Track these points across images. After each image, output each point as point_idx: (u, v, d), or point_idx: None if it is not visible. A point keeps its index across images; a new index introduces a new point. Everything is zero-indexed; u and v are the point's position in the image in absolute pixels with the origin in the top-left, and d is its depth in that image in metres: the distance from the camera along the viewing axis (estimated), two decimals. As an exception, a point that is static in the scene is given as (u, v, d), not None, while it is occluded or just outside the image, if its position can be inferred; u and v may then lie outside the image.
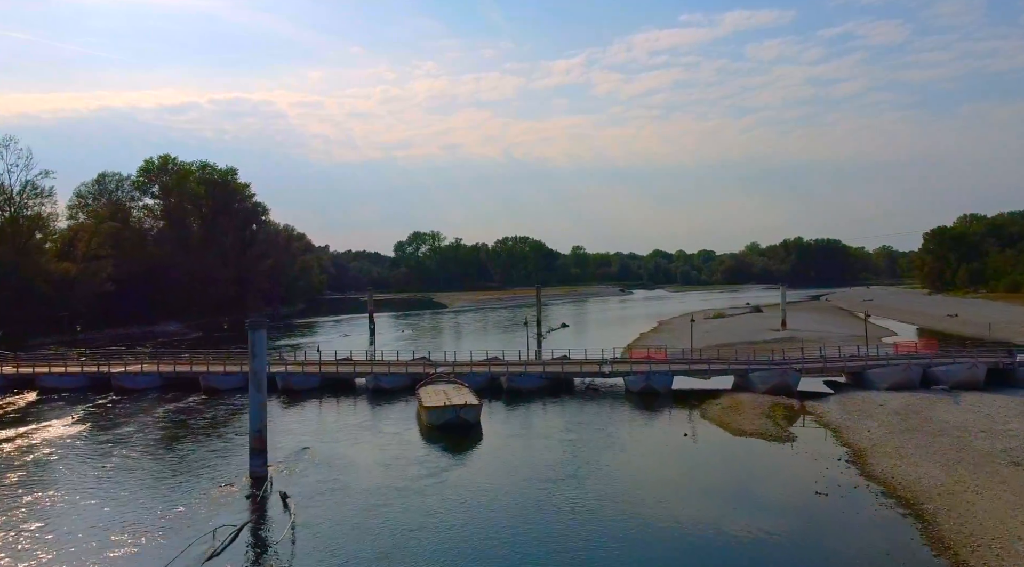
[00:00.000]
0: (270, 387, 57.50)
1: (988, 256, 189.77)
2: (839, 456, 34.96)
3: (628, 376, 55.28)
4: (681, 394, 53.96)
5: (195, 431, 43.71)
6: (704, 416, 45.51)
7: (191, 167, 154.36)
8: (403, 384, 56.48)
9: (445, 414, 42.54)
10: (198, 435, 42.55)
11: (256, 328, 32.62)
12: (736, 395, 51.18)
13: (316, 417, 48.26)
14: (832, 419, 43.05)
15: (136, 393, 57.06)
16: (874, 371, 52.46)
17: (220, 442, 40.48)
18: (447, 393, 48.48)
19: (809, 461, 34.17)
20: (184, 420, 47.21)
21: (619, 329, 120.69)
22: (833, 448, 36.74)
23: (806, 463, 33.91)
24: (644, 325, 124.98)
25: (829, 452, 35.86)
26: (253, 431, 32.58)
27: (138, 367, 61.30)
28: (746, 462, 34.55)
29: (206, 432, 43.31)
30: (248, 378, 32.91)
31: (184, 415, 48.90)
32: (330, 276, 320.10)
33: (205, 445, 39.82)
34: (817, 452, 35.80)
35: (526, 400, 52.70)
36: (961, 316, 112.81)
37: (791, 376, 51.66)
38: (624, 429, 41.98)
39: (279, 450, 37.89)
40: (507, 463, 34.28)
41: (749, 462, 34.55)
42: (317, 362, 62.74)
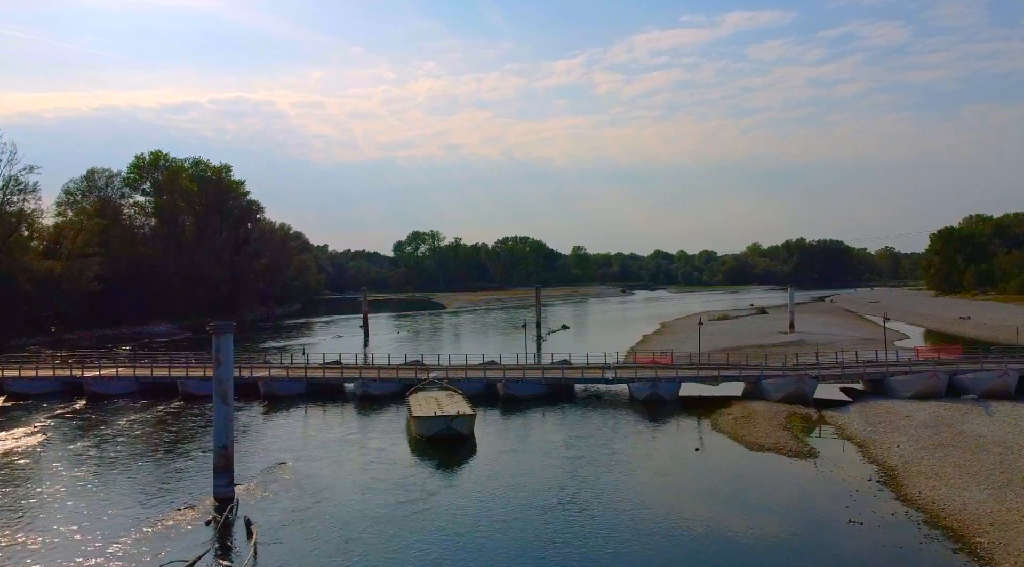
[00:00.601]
0: (252, 393, 54.62)
1: (995, 257, 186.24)
2: (868, 475, 31.57)
3: (633, 383, 51.92)
4: (689, 402, 50.64)
5: (164, 443, 40.28)
6: (716, 427, 42.13)
7: (183, 164, 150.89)
8: (393, 390, 53.13)
9: (436, 425, 39.17)
10: (166, 448, 39.14)
11: (222, 332, 29.22)
12: (749, 404, 47.79)
13: (298, 427, 44.85)
14: (855, 432, 39.65)
15: (110, 399, 53.67)
16: (896, 378, 49.04)
17: (189, 456, 37.06)
18: (439, 401, 45.13)
19: (836, 481, 30.78)
20: (155, 430, 43.79)
21: (621, 331, 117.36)
22: (860, 466, 33.34)
23: (833, 484, 30.52)
24: (646, 327, 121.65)
25: (856, 471, 32.47)
26: (218, 447, 29.20)
27: (114, 371, 57.82)
28: (767, 483, 31.10)
29: (176, 444, 39.91)
30: (214, 388, 29.47)
31: (156, 424, 45.49)
32: (328, 276, 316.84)
33: (172, 460, 36.40)
34: (843, 470, 32.41)
35: (524, 408, 49.34)
36: (974, 319, 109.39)
37: (808, 383, 48.25)
38: (629, 443, 38.55)
39: (251, 465, 34.54)
40: (501, 485, 30.75)
41: (770, 483, 31.10)
42: (303, 366, 59.36)
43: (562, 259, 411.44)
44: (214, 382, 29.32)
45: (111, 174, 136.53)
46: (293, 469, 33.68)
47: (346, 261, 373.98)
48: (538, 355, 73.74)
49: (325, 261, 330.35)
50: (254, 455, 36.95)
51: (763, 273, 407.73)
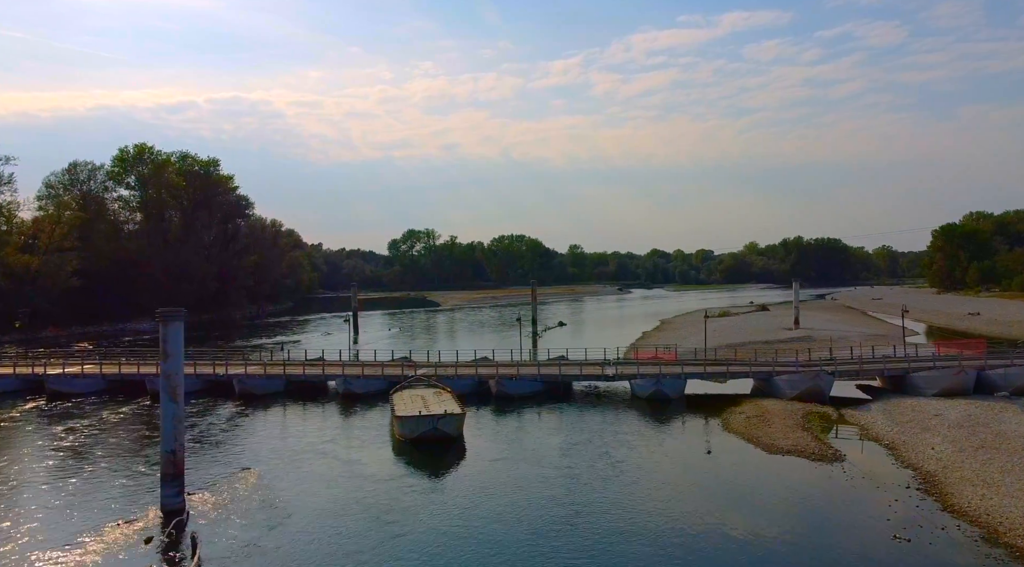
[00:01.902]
0: (226, 392, 50.95)
1: (997, 255, 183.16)
2: (905, 482, 28.00)
3: (635, 379, 48.32)
4: (695, 400, 47.12)
5: (120, 447, 36.49)
6: (727, 428, 38.54)
7: (170, 157, 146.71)
8: (378, 388, 49.45)
9: (420, 425, 35.53)
10: (121, 452, 35.33)
11: (170, 321, 25.51)
12: (761, 402, 44.22)
13: (271, 429, 41.12)
14: (882, 432, 36.10)
15: (72, 398, 49.93)
16: (919, 375, 45.49)
17: (147, 461, 33.24)
18: (425, 399, 41.50)
19: (869, 489, 27.19)
20: (113, 432, 40.01)
21: (619, 328, 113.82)
22: (894, 471, 29.77)
23: (867, 492, 26.94)
24: (645, 324, 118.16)
25: (891, 476, 28.91)
26: (165, 452, 25.48)
27: (78, 368, 54.00)
28: (792, 491, 27.48)
29: (133, 448, 36.14)
30: (161, 384, 25.73)
31: (116, 426, 41.71)
32: (322, 275, 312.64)
33: (125, 466, 32.59)
34: (876, 476, 28.83)
35: (518, 407, 45.72)
36: (984, 315, 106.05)
37: (824, 380, 44.68)
38: (633, 447, 34.90)
39: (212, 472, 30.85)
40: (489, 500, 26.84)
41: (795, 491, 27.48)
42: (282, 363, 55.63)
43: (558, 258, 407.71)
44: (160, 378, 25.61)
45: (94, 167, 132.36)
46: (259, 477, 29.92)
47: (340, 259, 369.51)
48: (534, 352, 70.07)
49: (319, 259, 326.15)
50: (217, 460, 33.26)
51: (761, 272, 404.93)
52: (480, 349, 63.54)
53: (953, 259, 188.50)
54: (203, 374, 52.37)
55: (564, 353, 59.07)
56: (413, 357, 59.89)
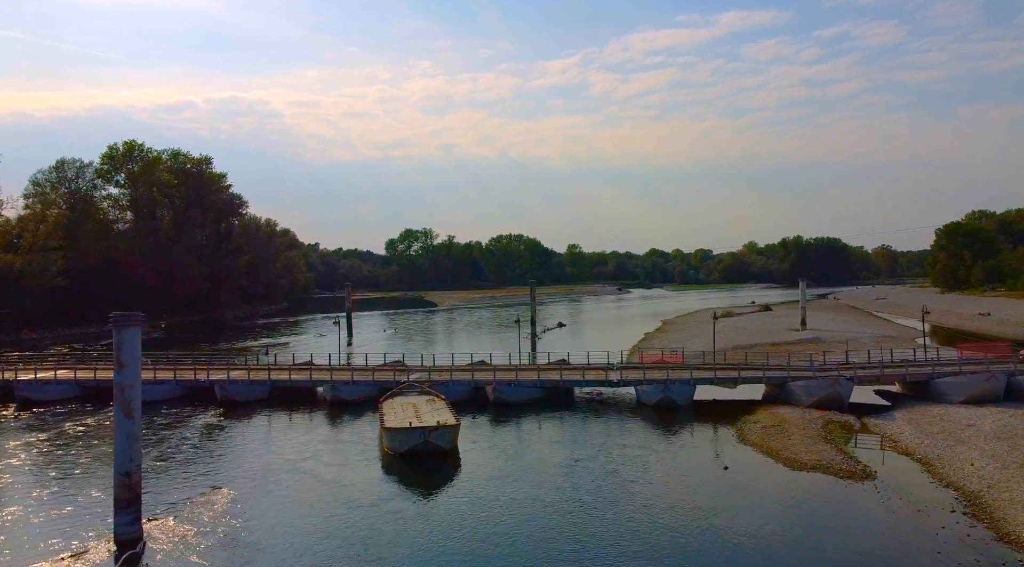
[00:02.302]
0: (208, 397, 47.98)
1: (1001, 253, 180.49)
2: (948, 504, 25.15)
3: (641, 385, 45.46)
4: (705, 407, 44.32)
5: (81, 464, 33.38)
6: (743, 439, 35.68)
7: (160, 155, 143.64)
8: (368, 395, 46.57)
9: (411, 439, 32.65)
10: (82, 470, 32.31)
11: (124, 326, 22.58)
12: (776, 410, 41.39)
13: (251, 440, 38.19)
14: (911, 445, 33.26)
15: (43, 405, 46.97)
16: (945, 380, 42.65)
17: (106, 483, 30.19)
18: (417, 409, 38.62)
19: (911, 514, 24.35)
20: (77, 446, 37.04)
21: (620, 329, 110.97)
22: (933, 491, 26.92)
23: (908, 517, 24.10)
24: (647, 325, 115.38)
25: (931, 497, 26.06)
26: (119, 474, 22.59)
27: (51, 374, 51.02)
28: (824, 515, 24.63)
29: (94, 465, 33.00)
30: (115, 398, 22.81)
31: (86, 438, 38.75)
32: (318, 274, 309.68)
33: (83, 486, 29.52)
34: (914, 497, 25.99)
35: (517, 415, 42.87)
36: (994, 315, 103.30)
37: (843, 386, 41.88)
38: (642, 461, 32.02)
39: (178, 492, 27.96)
40: (483, 530, 23.82)
41: (828, 515, 24.63)
42: (267, 367, 52.68)
43: (557, 258, 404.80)
44: (115, 390, 22.69)
45: (82, 165, 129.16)
46: (230, 501, 26.97)
47: (337, 259, 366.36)
48: (533, 355, 67.14)
49: (315, 259, 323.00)
50: (185, 478, 30.35)
51: (760, 271, 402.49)
52: (477, 352, 60.68)
53: (957, 258, 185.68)
54: (183, 380, 49.41)
55: (565, 356, 56.23)
56: (406, 361, 57.07)
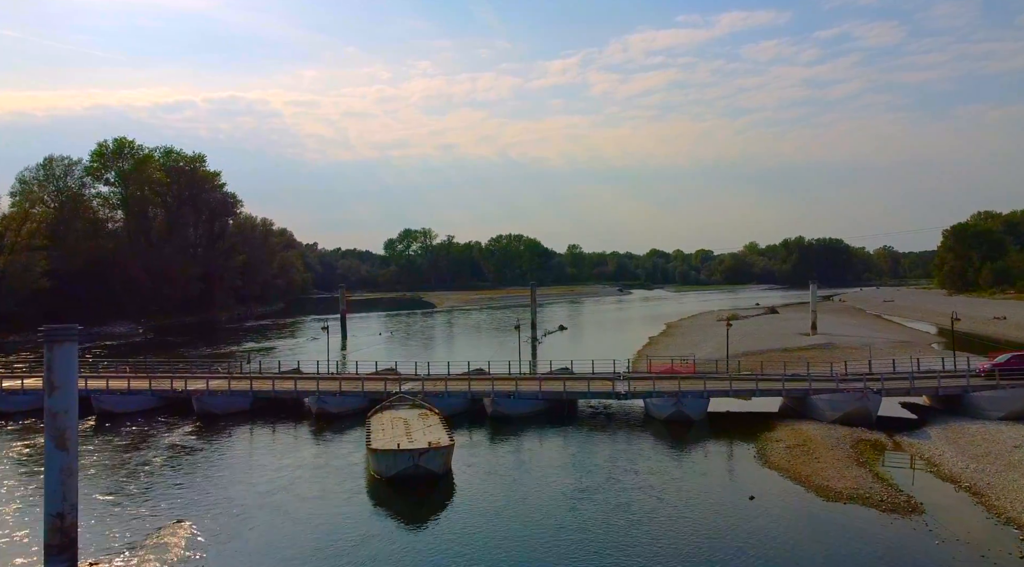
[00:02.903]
0: (186, 412, 44.61)
1: (1008, 255, 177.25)
2: (1016, 548, 21.83)
3: (651, 397, 42.13)
4: (719, 420, 41.12)
5: (15, 496, 29.56)
6: (766, 461, 32.37)
7: (152, 153, 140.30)
8: (357, 407, 43.35)
9: (399, 462, 29.35)
10: (20, 503, 28.44)
11: (57, 341, 19.24)
12: (798, 426, 38.12)
13: (227, 460, 34.89)
14: (955, 469, 29.94)
15: (6, 418, 43.60)
16: (981, 394, 39.34)
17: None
18: (408, 425, 35.36)
19: (974, 561, 21.02)
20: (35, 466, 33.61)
21: (623, 333, 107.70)
22: (993, 529, 23.62)
23: (968, 561, 20.78)
24: (650, 328, 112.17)
25: (992, 538, 22.76)
26: (50, 515, 19.34)
27: (17, 383, 47.61)
28: (870, 558, 21.31)
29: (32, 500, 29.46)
30: (46, 425, 19.48)
31: (26, 463, 34.94)
32: (316, 275, 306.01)
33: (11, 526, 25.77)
34: (973, 538, 22.70)
35: (516, 430, 39.65)
36: (1010, 319, 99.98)
37: (872, 400, 38.56)
38: (656, 490, 28.66)
39: (132, 526, 24.60)
40: None
41: (875, 558, 21.30)
42: (250, 376, 49.36)
43: (557, 258, 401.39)
44: (46, 417, 19.36)
45: (71, 162, 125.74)
46: (189, 539, 23.55)
47: (335, 259, 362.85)
48: (533, 362, 63.78)
49: (313, 259, 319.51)
50: (143, 508, 26.99)
51: (762, 272, 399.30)
52: (475, 358, 57.37)
53: (965, 260, 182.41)
54: (159, 390, 46.05)
55: (568, 364, 52.98)
56: (400, 368, 53.78)
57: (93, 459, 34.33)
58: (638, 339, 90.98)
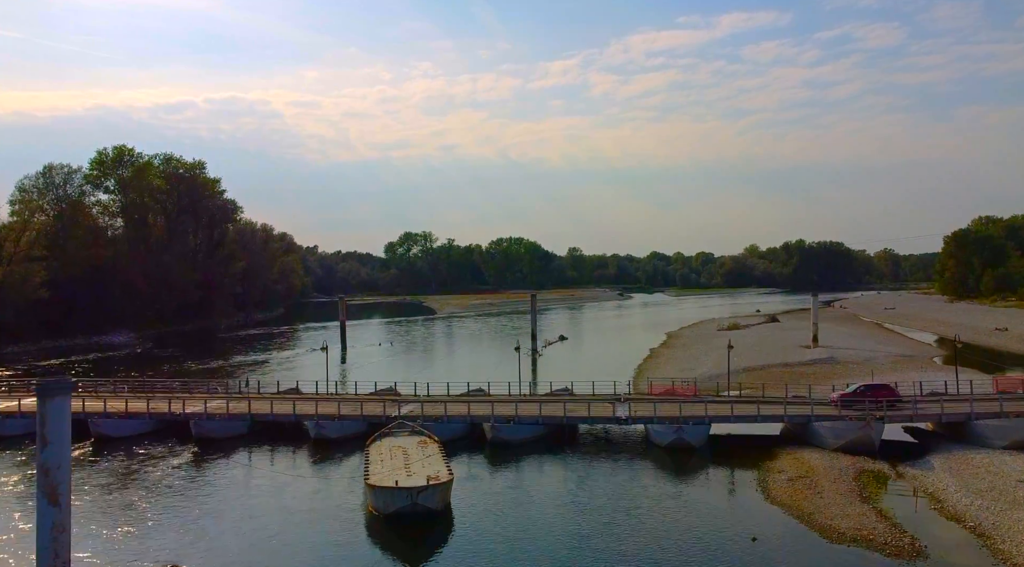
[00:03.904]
0: (184, 435, 44.24)
1: (1009, 260, 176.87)
2: (1020, 598, 21.52)
3: (652, 424, 41.82)
4: (721, 446, 40.96)
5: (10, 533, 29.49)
6: (768, 495, 32.06)
7: (152, 160, 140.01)
8: (356, 432, 43.08)
9: (397, 499, 29.04)
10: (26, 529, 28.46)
11: (50, 394, 18.92)
12: (800, 454, 37.84)
13: (223, 490, 34.59)
14: (959, 507, 29.58)
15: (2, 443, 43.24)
16: (987, 423, 39.00)
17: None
18: (407, 456, 35.08)
19: (979, 613, 20.71)
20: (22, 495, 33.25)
21: (623, 341, 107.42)
22: (999, 576, 23.30)
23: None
24: (651, 336, 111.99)
25: (998, 587, 22.43)
26: (41, 574, 18.92)
27: (13, 404, 47.19)
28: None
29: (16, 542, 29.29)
30: (37, 482, 19.15)
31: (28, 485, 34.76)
32: (316, 278, 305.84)
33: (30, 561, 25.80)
34: (978, 587, 22.37)
35: (517, 457, 39.46)
36: (1012, 331, 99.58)
37: (875, 429, 38.23)
38: (657, 533, 28.27)
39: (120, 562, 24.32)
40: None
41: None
42: (247, 396, 49.05)
43: (557, 260, 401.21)
44: (37, 472, 19.07)
45: (71, 170, 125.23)
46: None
47: (335, 262, 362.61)
48: (534, 382, 63.33)
49: (313, 263, 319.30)
50: (135, 546, 26.67)
51: (762, 275, 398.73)
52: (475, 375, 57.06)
53: (967, 266, 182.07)
54: (157, 413, 45.70)
55: (568, 385, 52.65)
56: (399, 387, 53.50)
57: (88, 491, 33.96)
58: (639, 350, 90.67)
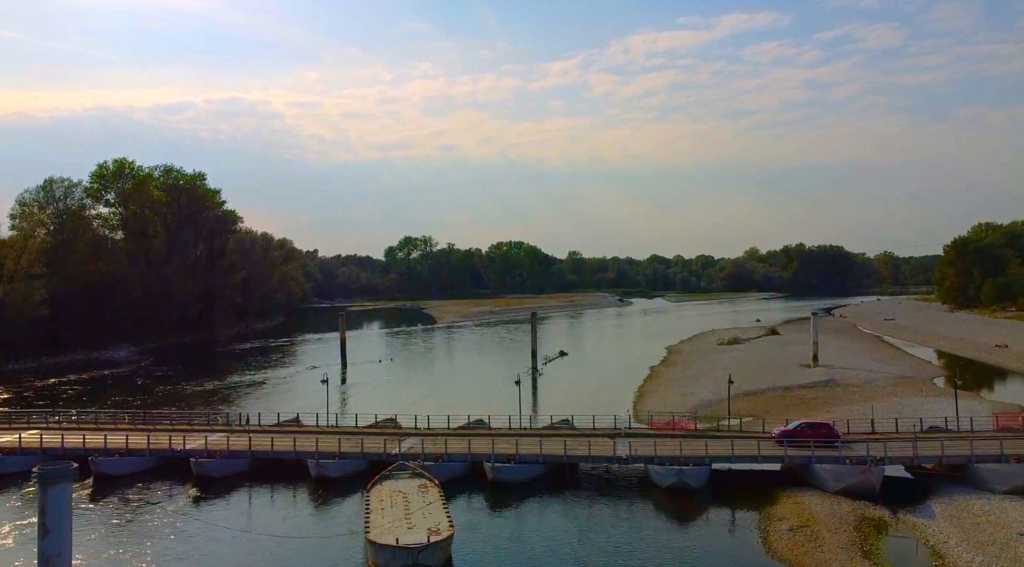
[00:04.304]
0: (184, 473, 44.16)
1: (1009, 268, 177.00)
2: None
3: (652, 463, 41.78)
4: (722, 484, 40.90)
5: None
6: (769, 548, 32.09)
7: (152, 172, 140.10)
8: (356, 469, 43.23)
9: (397, 558, 29.08)
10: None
11: (52, 482, 18.94)
12: (801, 498, 37.92)
13: (218, 542, 34.50)
14: (959, 562, 29.58)
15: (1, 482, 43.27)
16: (986, 467, 38.99)
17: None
18: (407, 503, 35.25)
19: None
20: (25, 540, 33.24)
21: (623, 357, 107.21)
22: (999, 649, 23.29)
23: None
24: (651, 349, 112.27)
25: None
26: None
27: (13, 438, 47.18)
28: None
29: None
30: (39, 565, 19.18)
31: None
32: (316, 283, 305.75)
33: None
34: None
35: (518, 498, 39.54)
36: (1012, 348, 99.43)
37: (876, 474, 38.19)
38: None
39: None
40: None
41: None
42: (247, 430, 49.08)
43: (558, 264, 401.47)
44: (38, 560, 19.06)
45: (71, 184, 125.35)
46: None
47: (336, 267, 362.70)
48: (534, 405, 63.30)
49: (313, 268, 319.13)
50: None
51: (762, 279, 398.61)
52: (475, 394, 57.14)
53: (967, 276, 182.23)
54: (157, 449, 45.70)
55: (568, 417, 52.74)
56: (399, 419, 53.60)
57: (88, 538, 33.90)
58: (639, 369, 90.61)
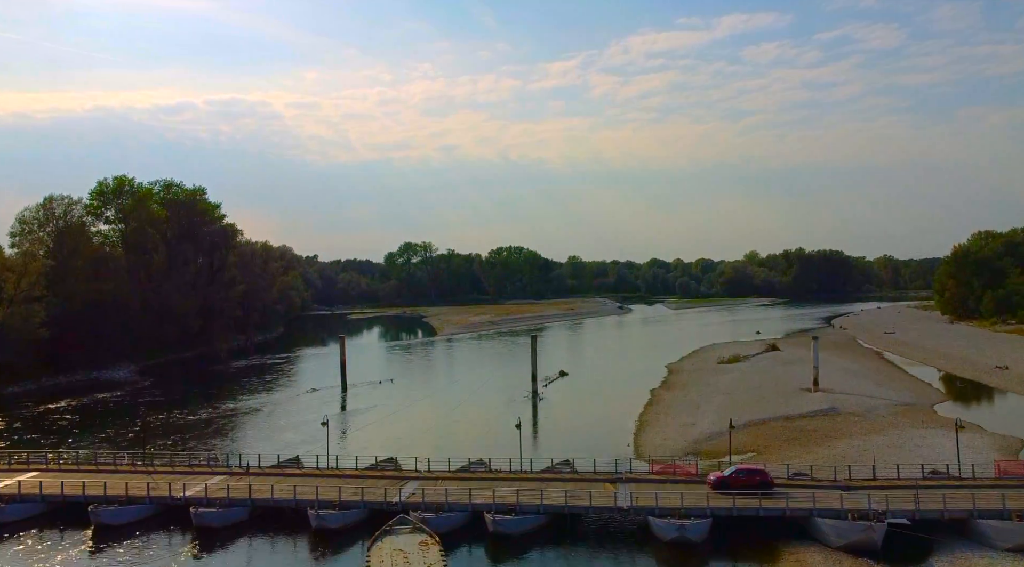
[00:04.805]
0: (184, 522, 43.90)
1: (1009, 278, 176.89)
2: None
3: (653, 514, 41.63)
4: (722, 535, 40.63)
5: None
6: (771, 615, 32.01)
7: (151, 188, 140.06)
8: (356, 520, 43.09)
9: (398, 630, 29.03)
10: None
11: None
12: (802, 555, 37.92)
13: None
14: (963, 636, 29.53)
15: (2, 532, 43.14)
16: (990, 523, 38.85)
17: None
18: (408, 562, 35.14)
19: None
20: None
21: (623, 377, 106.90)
22: None
23: None
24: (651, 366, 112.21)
25: None
26: None
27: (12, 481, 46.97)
28: None
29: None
30: None
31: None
32: (316, 289, 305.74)
33: None
34: None
35: (519, 551, 39.58)
36: (1013, 370, 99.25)
37: (877, 531, 38.06)
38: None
39: None
40: None
41: None
42: (247, 472, 48.97)
43: (557, 268, 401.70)
44: None
45: (71, 201, 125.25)
46: None
47: (336, 272, 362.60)
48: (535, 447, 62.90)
49: (313, 274, 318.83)
50: None
51: (762, 284, 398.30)
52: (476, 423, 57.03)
53: (967, 287, 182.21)
54: (156, 496, 45.54)
55: (569, 459, 52.69)
56: (400, 460, 53.56)
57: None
58: (639, 392, 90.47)
